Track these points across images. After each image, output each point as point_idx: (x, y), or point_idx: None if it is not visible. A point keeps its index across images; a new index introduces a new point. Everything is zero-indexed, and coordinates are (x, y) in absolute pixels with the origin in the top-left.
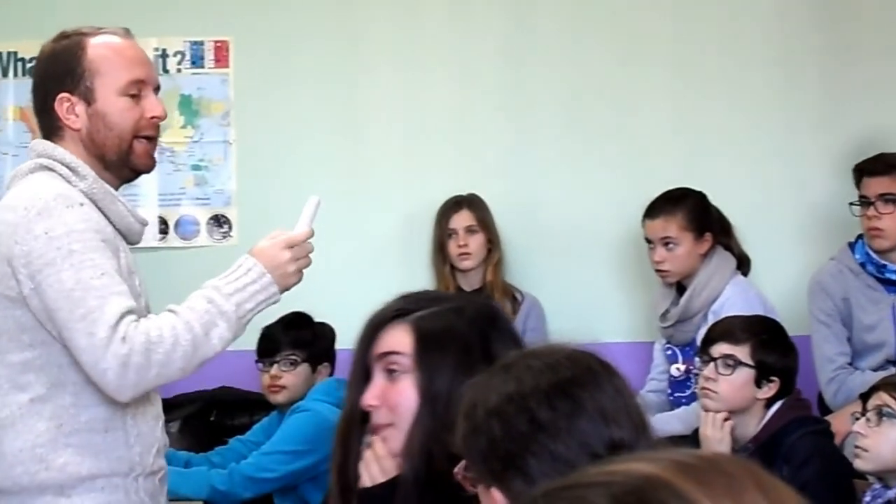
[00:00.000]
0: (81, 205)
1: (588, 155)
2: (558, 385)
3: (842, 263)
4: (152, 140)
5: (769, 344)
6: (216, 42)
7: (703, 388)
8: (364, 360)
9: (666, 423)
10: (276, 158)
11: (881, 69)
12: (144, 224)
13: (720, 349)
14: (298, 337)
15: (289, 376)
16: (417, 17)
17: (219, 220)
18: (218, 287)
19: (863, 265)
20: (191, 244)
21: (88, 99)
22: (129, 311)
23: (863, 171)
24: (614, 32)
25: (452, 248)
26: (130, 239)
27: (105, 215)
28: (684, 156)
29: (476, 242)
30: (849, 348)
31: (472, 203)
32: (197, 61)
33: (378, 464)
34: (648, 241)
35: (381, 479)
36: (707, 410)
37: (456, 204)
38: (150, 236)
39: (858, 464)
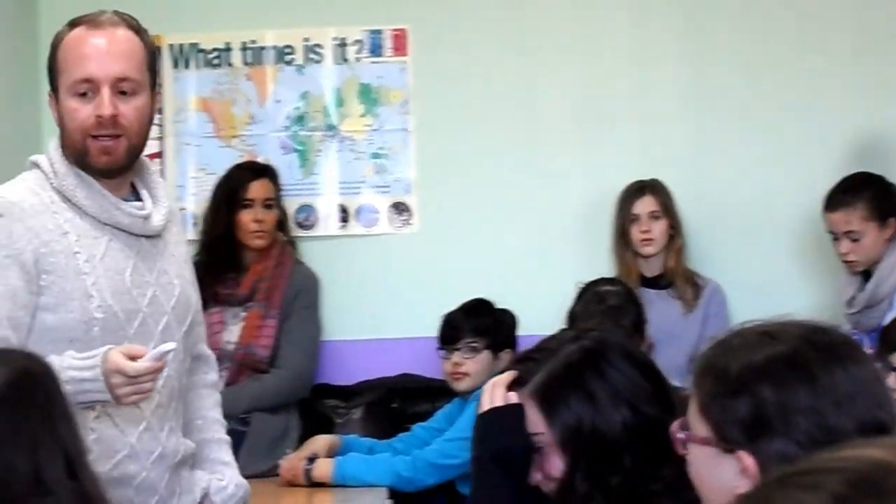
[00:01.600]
0: (1, 216)
1: (769, 138)
2: (833, 348)
3: None
4: (111, 138)
5: None
6: (394, 30)
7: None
8: None
9: None
10: (456, 146)
11: None
12: (139, 216)
13: None
14: (480, 324)
15: (470, 363)
16: (592, 2)
17: (399, 208)
18: (64, 367)
19: None
20: (371, 232)
21: (57, 98)
22: None
23: None
24: (793, 11)
25: (635, 234)
26: (131, 231)
27: (85, 212)
28: (866, 135)
29: (659, 228)
30: None
31: (655, 188)
32: (375, 50)
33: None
34: (831, 232)
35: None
36: None
37: (639, 189)
38: (332, 224)
39: None
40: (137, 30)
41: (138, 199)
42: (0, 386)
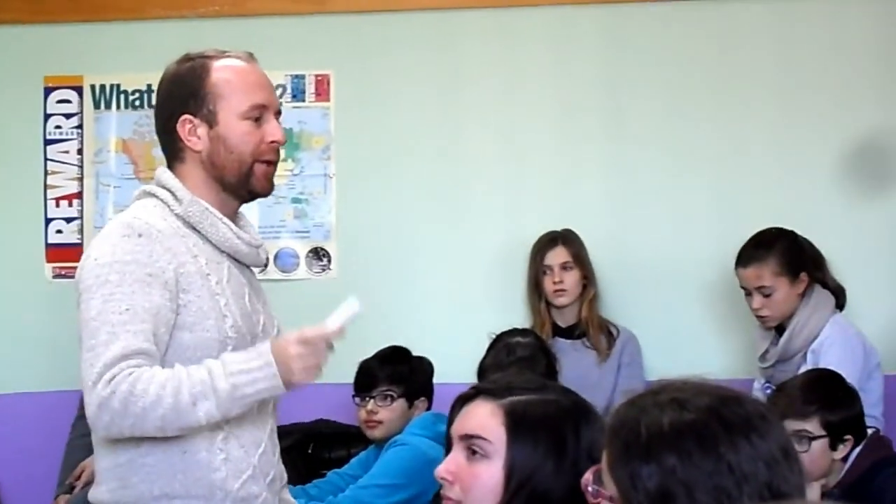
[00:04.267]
0: (140, 235)
1: (684, 190)
2: (741, 422)
3: None
4: (272, 164)
5: (833, 403)
6: (317, 76)
7: None
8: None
9: None
10: (376, 192)
11: None
12: (254, 246)
13: (790, 426)
14: (395, 372)
15: (385, 412)
16: (517, 53)
17: (318, 254)
18: (226, 363)
19: None
20: (290, 277)
21: (210, 122)
22: (136, 353)
23: None
24: (715, 68)
25: (547, 285)
26: (245, 261)
27: (207, 238)
28: (780, 191)
29: (571, 279)
30: None
31: (566, 239)
32: (298, 95)
33: None
34: (744, 288)
35: None
36: None
37: (551, 240)
38: None
39: None
40: None
41: None
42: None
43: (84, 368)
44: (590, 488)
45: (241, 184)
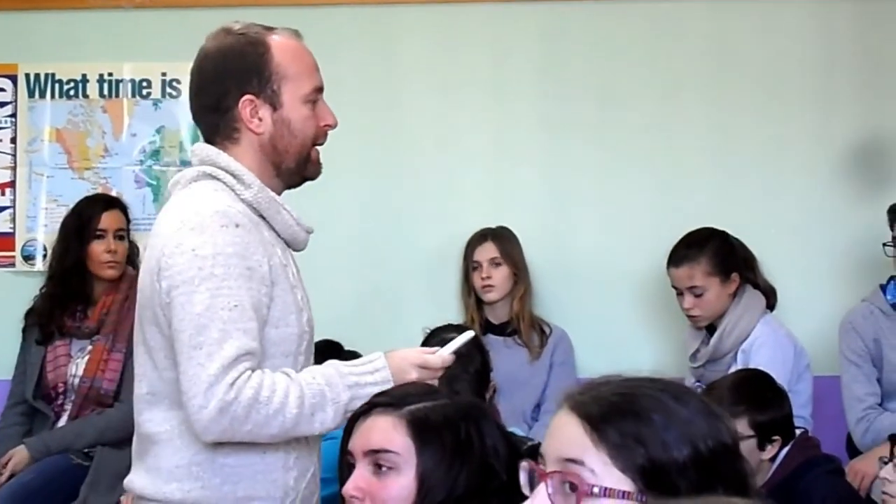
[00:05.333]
0: (237, 226)
1: (620, 189)
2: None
3: (873, 304)
4: (319, 147)
5: (761, 403)
6: None
7: None
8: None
9: None
10: (312, 188)
11: None
12: (310, 232)
13: None
14: None
15: None
16: (454, 50)
17: None
18: (342, 373)
19: (894, 306)
20: None
21: (274, 103)
22: (248, 353)
23: None
24: (651, 66)
25: (476, 280)
26: (296, 247)
27: (270, 225)
28: (716, 192)
29: (500, 275)
30: (878, 388)
31: (496, 235)
32: None
33: None
34: (675, 287)
35: None
36: None
37: (481, 237)
38: None
39: None
40: None
41: None
42: None
43: (191, 367)
44: (595, 491)
45: (299, 168)
